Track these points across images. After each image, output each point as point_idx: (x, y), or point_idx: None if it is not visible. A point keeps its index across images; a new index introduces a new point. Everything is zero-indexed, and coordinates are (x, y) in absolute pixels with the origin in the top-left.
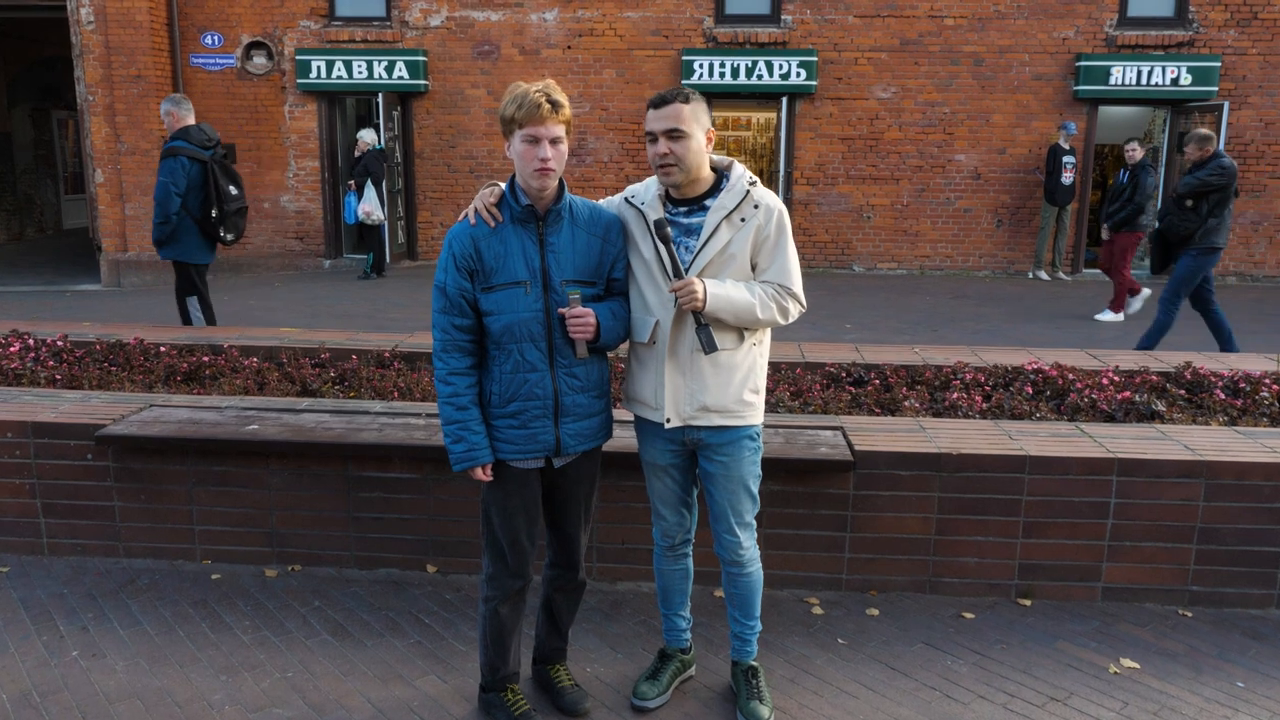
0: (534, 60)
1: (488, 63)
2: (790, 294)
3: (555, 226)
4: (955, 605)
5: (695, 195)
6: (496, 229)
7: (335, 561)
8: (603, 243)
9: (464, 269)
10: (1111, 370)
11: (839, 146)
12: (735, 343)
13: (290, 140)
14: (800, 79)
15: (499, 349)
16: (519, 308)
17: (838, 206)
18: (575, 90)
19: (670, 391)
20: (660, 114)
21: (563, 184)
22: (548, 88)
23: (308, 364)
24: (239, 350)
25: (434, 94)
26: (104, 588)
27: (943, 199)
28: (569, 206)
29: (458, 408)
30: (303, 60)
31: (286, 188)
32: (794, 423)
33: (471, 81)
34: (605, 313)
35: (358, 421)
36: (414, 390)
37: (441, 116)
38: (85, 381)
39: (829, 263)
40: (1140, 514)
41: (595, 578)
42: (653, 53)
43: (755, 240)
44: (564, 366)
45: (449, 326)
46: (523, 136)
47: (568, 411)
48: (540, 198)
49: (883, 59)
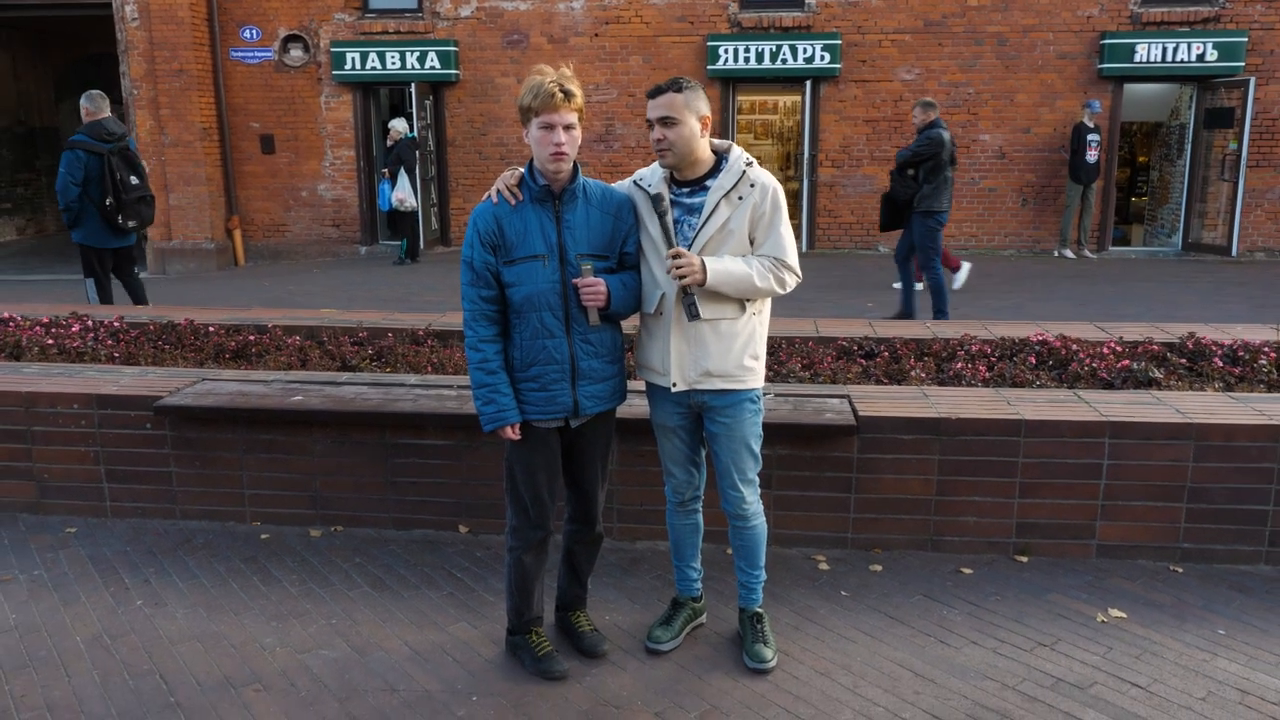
0: (562, 48)
1: (517, 51)
2: (785, 265)
3: (570, 205)
4: (954, 562)
5: (696, 177)
6: (517, 208)
7: (374, 523)
8: (614, 220)
9: (488, 244)
10: (1114, 341)
11: (863, 129)
12: (736, 312)
13: (326, 130)
14: (824, 62)
15: (520, 317)
16: (538, 279)
17: (862, 188)
18: (603, 77)
19: (676, 358)
20: (655, 103)
21: (576, 166)
22: (561, 78)
23: (347, 342)
24: (282, 330)
25: (465, 83)
26: (163, 546)
27: (968, 179)
28: (582, 187)
29: (487, 372)
30: (337, 52)
31: (323, 176)
32: (803, 391)
33: (501, 70)
34: (616, 284)
35: (394, 393)
36: (446, 365)
37: (472, 105)
38: (141, 358)
39: (854, 244)
40: (1132, 474)
41: (615, 537)
42: (678, 39)
43: (752, 216)
44: (579, 333)
45: (476, 298)
46: (539, 123)
47: (584, 375)
48: (556, 179)
49: (906, 41)
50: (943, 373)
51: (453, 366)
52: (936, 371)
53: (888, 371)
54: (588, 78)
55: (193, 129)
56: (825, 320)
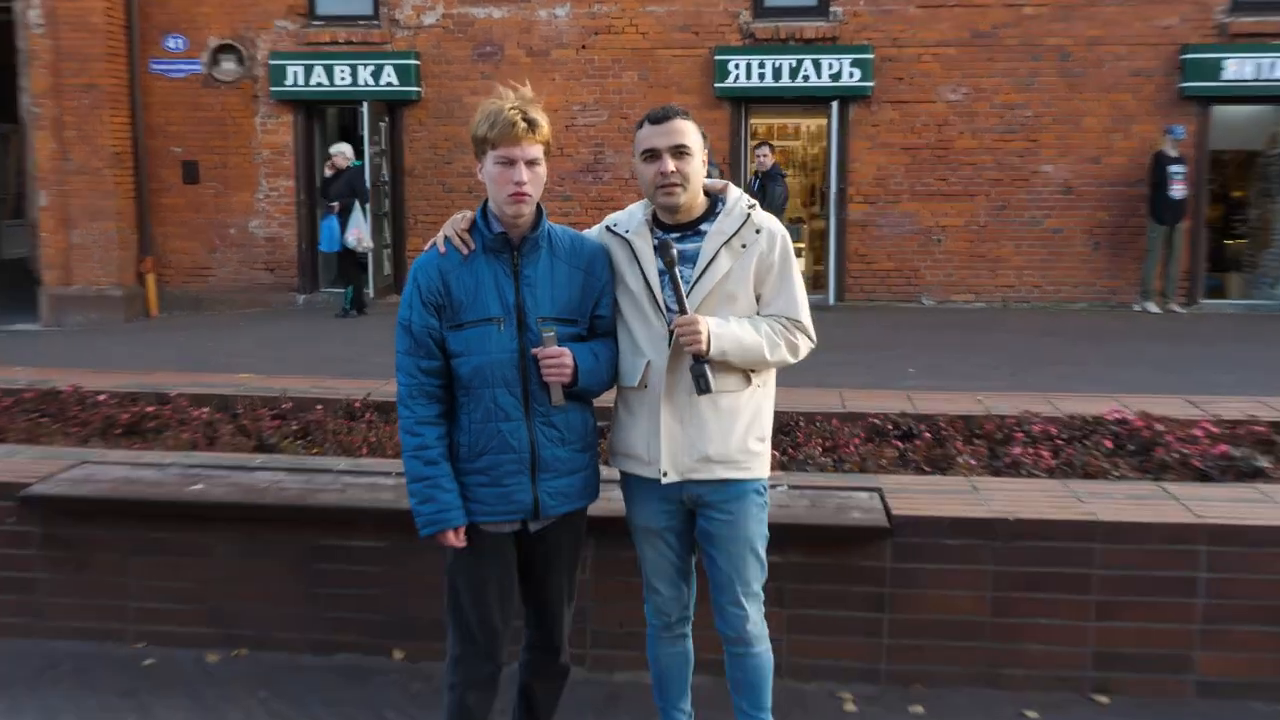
0: (543, 62)
1: (490, 66)
2: (799, 327)
3: (532, 257)
4: (1016, 702)
5: (689, 220)
6: (467, 260)
7: (287, 645)
8: (585, 276)
9: (430, 304)
10: (1209, 419)
11: (901, 157)
12: (739, 384)
13: (262, 156)
14: (854, 80)
15: (468, 394)
16: (490, 347)
17: (902, 228)
18: (591, 96)
19: (667, 441)
20: (663, 129)
21: (541, 211)
22: (523, 102)
23: (266, 415)
24: (189, 399)
25: (427, 102)
26: (21, 673)
27: (1027, 217)
28: (547, 235)
29: (426, 462)
30: (277, 65)
31: (256, 211)
32: (824, 483)
33: (471, 88)
34: (585, 353)
35: (318, 481)
36: (385, 445)
37: (436, 128)
38: (11, 435)
39: (892, 295)
40: (1238, 591)
41: (589, 666)
42: (681, 52)
43: (758, 268)
44: (541, 414)
45: (414, 369)
46: (496, 158)
47: (546, 467)
48: (515, 225)
49: (951, 55)
50: (997, 459)
51: (393, 447)
52: (990, 458)
53: (929, 457)
54: (573, 96)
55: (102, 154)
56: (853, 391)
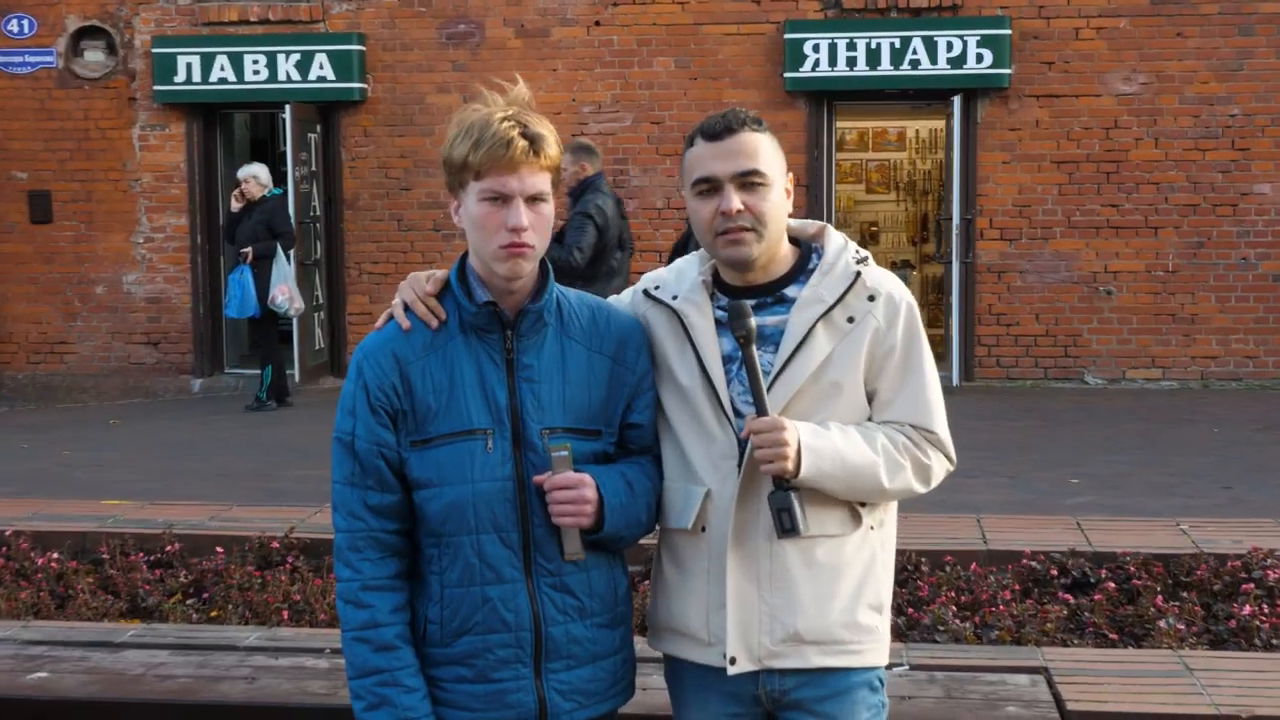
0: (539, 46)
1: (464, 52)
2: (933, 441)
3: (534, 339)
4: None
5: (767, 281)
6: (437, 342)
7: None
8: (612, 364)
9: (383, 409)
10: None
11: (1053, 175)
12: (844, 524)
13: (142, 183)
14: (984, 65)
15: (441, 545)
16: (473, 474)
17: (1055, 275)
18: (607, 92)
19: (736, 612)
20: (724, 148)
21: (547, 269)
22: (523, 113)
23: (143, 563)
24: (29, 539)
25: (376, 104)
26: None
27: (1235, 259)
28: (556, 305)
29: (378, 647)
30: (164, 55)
31: (133, 261)
32: (962, 660)
33: (438, 83)
34: (614, 481)
35: (217, 664)
36: (316, 606)
37: (388, 141)
38: None
39: (1042, 371)
40: None
41: None
42: (736, 29)
43: (872, 353)
44: (547, 574)
45: (360, 508)
46: (482, 192)
47: (557, 652)
48: (509, 291)
49: (1123, 29)
50: (1217, 621)
51: (326, 609)
52: (1206, 620)
53: (1116, 619)
54: (583, 94)
55: None
56: (997, 518)
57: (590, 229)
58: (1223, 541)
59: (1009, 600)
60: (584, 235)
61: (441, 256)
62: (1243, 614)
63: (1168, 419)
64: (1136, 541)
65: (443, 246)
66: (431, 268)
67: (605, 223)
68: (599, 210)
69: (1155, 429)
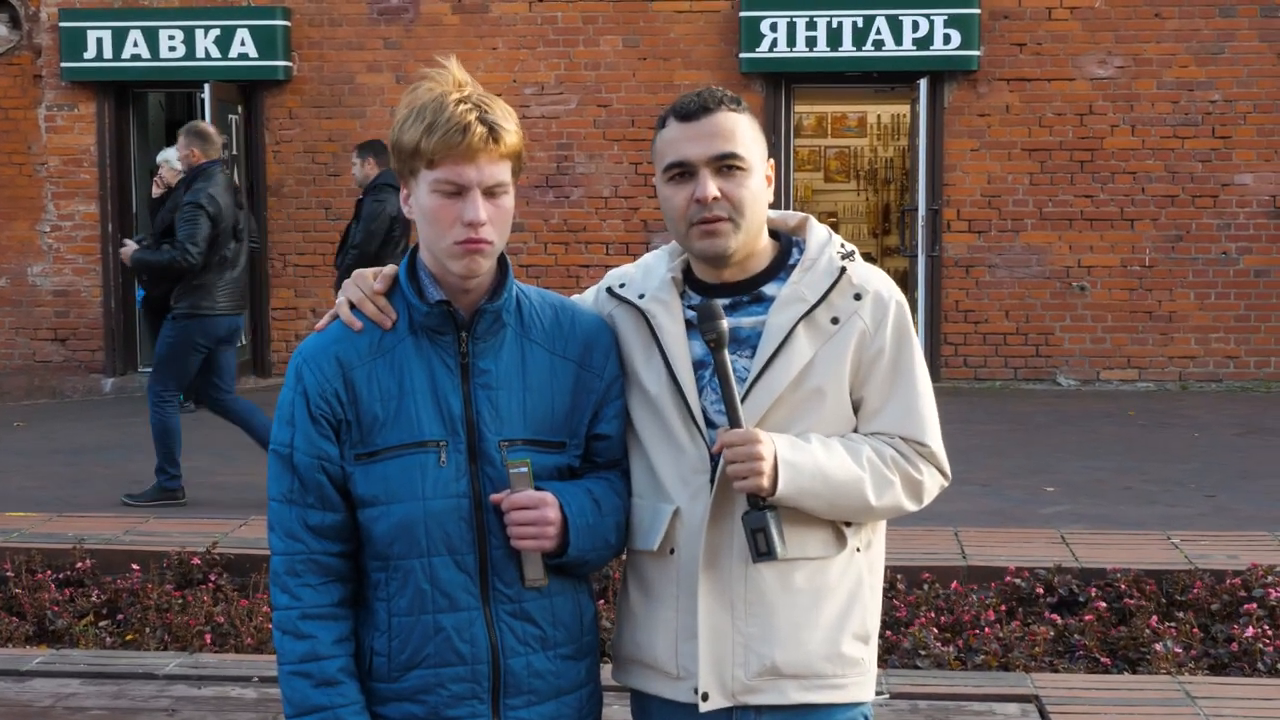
0: (477, 23)
1: (397, 28)
2: (926, 455)
3: (491, 341)
4: None
5: (744, 278)
6: (384, 345)
7: None
8: (578, 369)
9: (324, 418)
10: None
11: (1024, 163)
12: (826, 545)
13: (48, 167)
14: (951, 46)
15: (388, 569)
16: (425, 490)
17: (1025, 270)
18: (551, 72)
19: (708, 642)
20: (699, 129)
21: (506, 265)
22: (479, 96)
23: (50, 580)
24: None
25: (302, 84)
26: None
27: (1216, 253)
28: (516, 305)
29: (319, 682)
30: (72, 29)
31: (39, 251)
32: (947, 687)
33: (369, 61)
34: (579, 499)
35: (133, 694)
36: (242, 628)
37: (315, 123)
38: None
39: (1012, 371)
40: None
41: None
42: (688, 6)
43: (858, 357)
44: (508, 602)
45: (299, 528)
46: (435, 182)
47: (518, 687)
48: (464, 290)
49: (1097, 9)
50: (1216, 643)
51: (252, 633)
52: (1205, 641)
53: (1108, 641)
54: (525, 74)
55: None
56: (976, 530)
57: (203, 219)
58: (1217, 556)
59: (993, 621)
60: (196, 228)
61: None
62: (1245, 636)
63: (1145, 425)
64: (1125, 557)
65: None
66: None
67: (218, 211)
68: (211, 199)
69: (1132, 433)
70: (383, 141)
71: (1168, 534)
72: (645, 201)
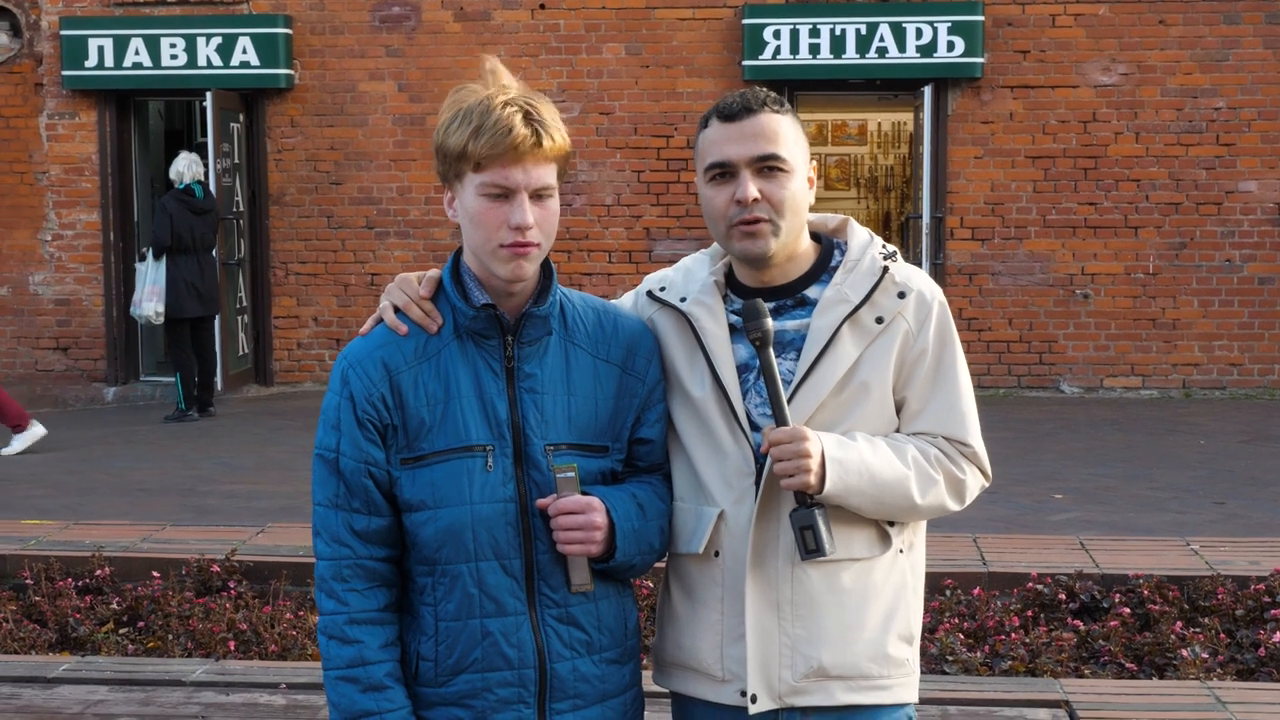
0: (480, 30)
1: (399, 36)
2: (967, 454)
3: (537, 347)
4: None
5: (786, 281)
6: (430, 350)
7: None
8: (621, 373)
9: (371, 423)
10: None
11: (1028, 171)
12: (872, 545)
13: (50, 176)
14: (955, 54)
15: (435, 574)
16: (472, 495)
17: (1029, 278)
18: (554, 80)
19: (755, 644)
20: (740, 130)
21: (550, 270)
22: (528, 97)
23: (71, 589)
24: None
25: (304, 92)
26: None
27: (1220, 261)
28: (560, 309)
29: (366, 686)
30: (73, 37)
31: (41, 260)
32: (976, 693)
33: (370, 69)
34: (624, 504)
35: (161, 701)
36: (265, 635)
37: (317, 132)
38: None
39: (1015, 379)
40: None
41: None
42: (690, 13)
43: (902, 358)
44: (553, 606)
45: (345, 533)
46: (483, 186)
47: (564, 691)
48: (510, 294)
49: (1102, 15)
50: (1242, 648)
51: (276, 639)
52: (1231, 647)
53: (1133, 647)
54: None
55: None
56: (994, 538)
57: None
58: (1238, 562)
59: (1017, 627)
60: None
61: (375, 256)
62: (1272, 641)
63: (1151, 431)
64: (1146, 563)
65: (376, 245)
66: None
67: None
68: None
69: (1137, 441)
70: None
71: (1186, 540)
72: (648, 209)
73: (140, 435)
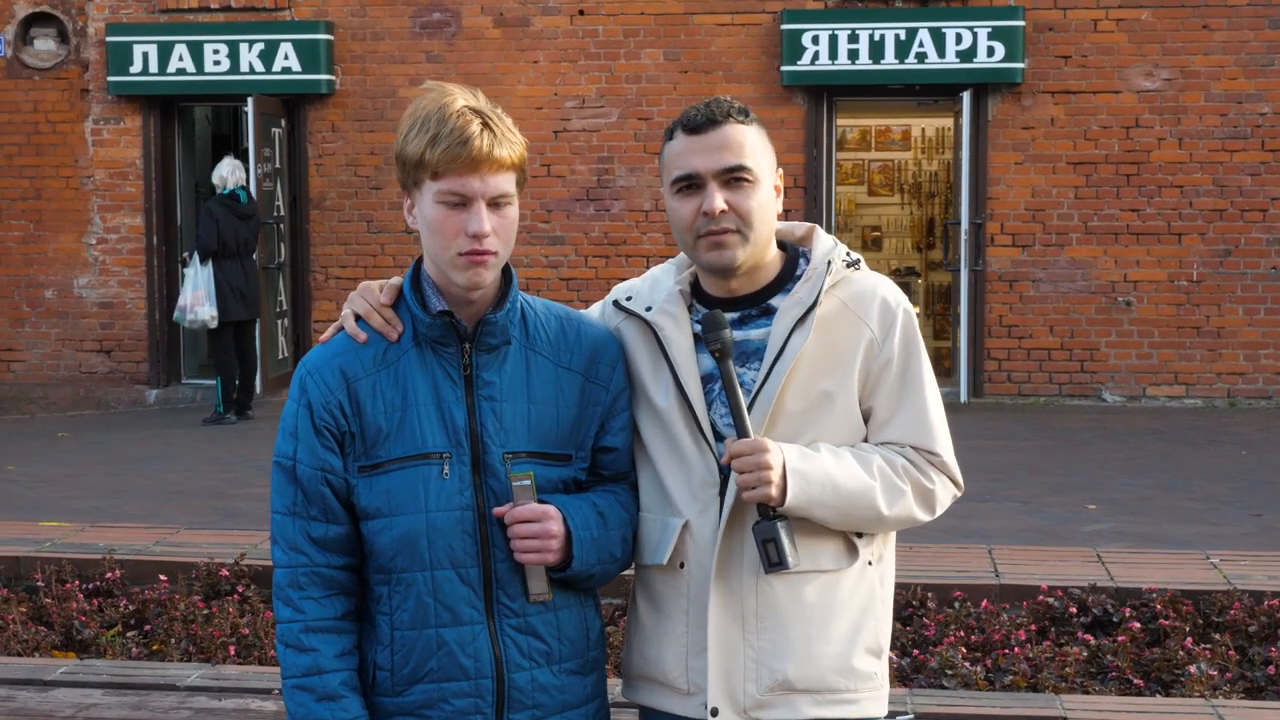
0: (519, 36)
1: (440, 42)
2: (936, 463)
3: (495, 354)
4: None
5: (752, 290)
6: (388, 358)
7: None
8: (584, 381)
9: (328, 430)
10: None
11: (1069, 177)
12: (838, 557)
13: (95, 180)
14: (995, 59)
15: (391, 582)
16: (428, 503)
17: (1070, 285)
18: (593, 85)
19: (718, 657)
20: (706, 141)
21: (510, 276)
22: (481, 104)
23: (79, 590)
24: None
25: (345, 98)
26: None
27: (1265, 269)
28: (521, 316)
29: (321, 696)
30: (119, 44)
31: (85, 263)
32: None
33: (411, 74)
34: (584, 513)
35: (153, 705)
36: (266, 640)
37: (358, 137)
38: None
39: (1057, 387)
40: None
41: None
42: (729, 19)
43: (866, 367)
44: (512, 615)
45: (303, 540)
46: (439, 193)
47: (522, 702)
48: (468, 301)
49: (1144, 21)
50: (1253, 665)
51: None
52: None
53: (1142, 662)
54: (567, 87)
55: None
56: (1009, 549)
57: None
58: (1257, 577)
59: (1024, 641)
60: None
61: (408, 259)
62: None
63: (1192, 440)
64: (1163, 576)
65: (415, 250)
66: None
67: None
68: None
69: (1178, 450)
70: None
71: (1207, 554)
72: None
73: (178, 438)
